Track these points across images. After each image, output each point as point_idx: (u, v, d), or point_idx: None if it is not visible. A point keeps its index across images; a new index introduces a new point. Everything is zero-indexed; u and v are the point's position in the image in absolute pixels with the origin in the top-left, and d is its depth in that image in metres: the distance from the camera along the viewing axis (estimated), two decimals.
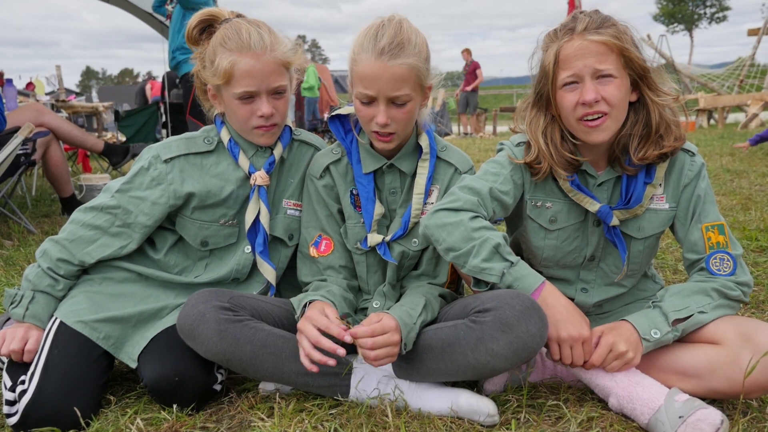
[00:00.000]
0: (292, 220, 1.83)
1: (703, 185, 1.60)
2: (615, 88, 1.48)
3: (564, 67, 1.50)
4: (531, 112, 1.63)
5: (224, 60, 1.62)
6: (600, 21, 1.50)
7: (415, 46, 1.56)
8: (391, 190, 1.75)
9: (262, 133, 1.71)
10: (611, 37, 1.47)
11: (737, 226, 3.33)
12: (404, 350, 1.47)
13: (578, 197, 1.61)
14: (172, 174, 1.70)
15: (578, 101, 1.50)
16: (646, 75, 1.52)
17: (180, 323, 1.51)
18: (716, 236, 1.56)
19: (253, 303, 1.61)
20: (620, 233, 1.62)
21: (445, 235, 1.52)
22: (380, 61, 1.53)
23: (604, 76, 1.48)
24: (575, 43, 1.48)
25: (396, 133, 1.62)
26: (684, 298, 1.49)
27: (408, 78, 1.55)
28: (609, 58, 1.48)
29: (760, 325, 1.42)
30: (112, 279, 1.71)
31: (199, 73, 1.73)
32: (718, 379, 1.40)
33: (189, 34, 1.73)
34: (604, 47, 1.47)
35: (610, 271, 1.69)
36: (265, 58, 1.63)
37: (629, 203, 1.58)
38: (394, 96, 1.56)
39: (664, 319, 1.46)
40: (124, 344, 1.62)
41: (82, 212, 1.70)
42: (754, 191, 4.48)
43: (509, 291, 1.45)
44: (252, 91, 1.64)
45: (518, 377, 1.61)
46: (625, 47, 1.48)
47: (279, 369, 1.52)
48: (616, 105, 1.50)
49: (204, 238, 1.76)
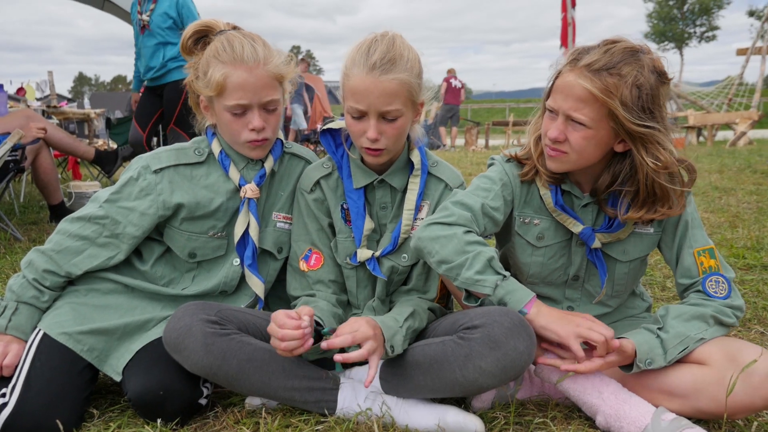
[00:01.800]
0: (281, 233, 1.82)
1: (689, 210, 1.60)
2: (581, 138, 1.45)
3: (552, 94, 1.51)
4: (534, 117, 1.66)
5: (217, 72, 1.62)
6: (605, 63, 1.39)
7: (407, 62, 1.56)
8: (382, 205, 1.75)
9: (253, 147, 1.70)
10: (600, 90, 1.38)
11: (725, 243, 3.35)
12: (391, 353, 1.46)
13: (561, 217, 1.62)
14: (162, 185, 1.69)
15: (546, 132, 1.52)
16: (638, 137, 1.43)
17: (166, 336, 1.50)
18: (708, 260, 1.56)
19: (240, 316, 1.60)
20: (602, 256, 1.63)
21: (438, 247, 1.51)
22: (371, 76, 1.53)
23: (575, 122, 1.45)
24: (568, 77, 1.44)
25: (386, 149, 1.62)
26: (684, 322, 1.48)
27: (399, 93, 1.55)
28: (589, 107, 1.41)
29: (745, 346, 1.42)
30: (98, 290, 1.70)
31: (191, 84, 1.73)
32: (703, 399, 1.40)
33: (184, 43, 1.72)
34: (589, 95, 1.40)
35: (595, 292, 1.69)
36: (258, 72, 1.63)
37: (612, 227, 1.59)
38: (384, 111, 1.56)
39: (663, 353, 1.45)
40: (108, 357, 1.60)
41: (69, 222, 1.69)
42: (742, 209, 4.52)
43: (498, 308, 1.45)
44: (244, 104, 1.64)
45: (506, 394, 1.60)
46: (613, 106, 1.38)
47: (265, 383, 1.51)
48: (579, 152, 1.48)
49: (192, 249, 1.75)
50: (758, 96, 13.77)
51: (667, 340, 1.46)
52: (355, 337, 1.41)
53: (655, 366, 1.44)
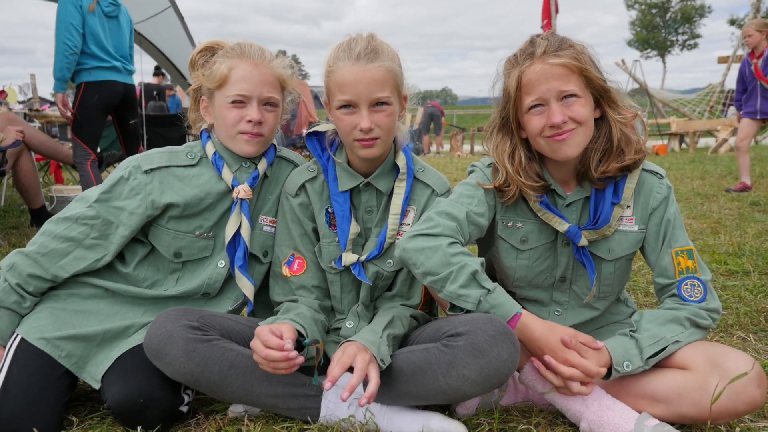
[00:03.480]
0: (267, 236, 1.81)
1: (672, 210, 1.62)
2: (580, 107, 1.52)
3: (528, 91, 1.53)
4: (497, 136, 1.66)
5: (223, 65, 1.69)
6: (558, 43, 1.53)
7: (388, 53, 1.60)
8: (367, 209, 1.74)
9: (247, 140, 1.70)
10: (571, 59, 1.50)
11: (707, 249, 3.39)
12: (383, 365, 1.45)
13: (547, 217, 1.62)
14: (152, 185, 1.68)
15: (546, 124, 1.52)
16: (606, 93, 1.56)
17: (147, 343, 1.47)
18: (685, 261, 1.58)
19: (222, 322, 1.58)
20: (589, 254, 1.63)
21: (423, 259, 1.50)
22: (358, 66, 1.55)
23: (568, 96, 1.51)
24: (536, 68, 1.51)
25: (380, 138, 1.61)
26: (659, 326, 1.50)
27: (387, 80, 1.58)
28: (571, 79, 1.51)
29: (727, 351, 1.43)
30: (78, 295, 1.67)
31: (194, 91, 1.79)
32: (686, 404, 1.41)
33: (193, 59, 1.79)
34: (565, 69, 1.50)
35: (582, 294, 1.70)
36: (262, 68, 1.70)
37: (597, 223, 1.60)
38: (376, 98, 1.57)
39: (638, 352, 1.46)
40: (87, 363, 1.57)
41: (54, 223, 1.65)
42: (724, 215, 4.57)
43: (482, 315, 1.44)
44: (245, 95, 1.67)
45: (490, 401, 1.60)
46: (584, 67, 1.51)
47: (248, 390, 1.49)
48: (584, 122, 1.53)
49: (178, 249, 1.73)
50: None
51: (642, 339, 1.47)
52: (343, 361, 1.40)
53: (633, 367, 1.44)
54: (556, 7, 9.26)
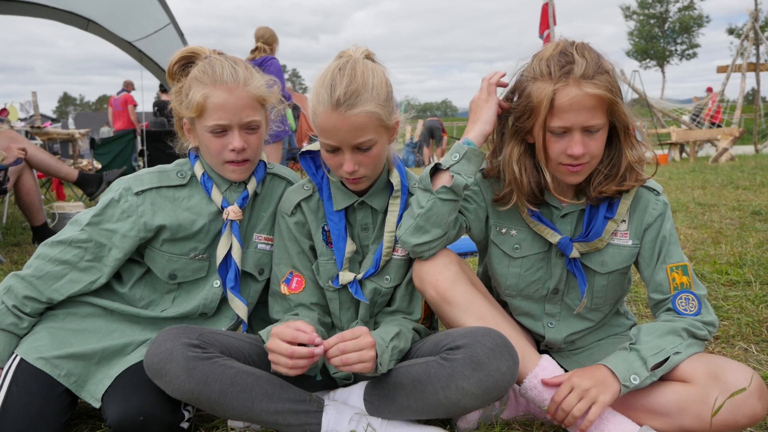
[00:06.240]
0: (262, 254, 1.81)
1: (668, 226, 1.62)
2: (599, 142, 1.52)
3: (557, 114, 1.48)
4: (509, 143, 1.62)
5: (197, 93, 1.64)
6: (595, 66, 1.47)
7: (372, 90, 1.54)
8: (363, 227, 1.75)
9: (233, 169, 1.70)
10: (606, 91, 1.46)
11: (708, 259, 3.38)
12: (379, 370, 1.45)
13: (539, 228, 1.63)
14: (143, 207, 1.68)
15: (565, 151, 1.51)
16: (626, 130, 1.54)
17: (147, 361, 1.47)
18: (680, 277, 1.58)
19: (222, 339, 1.58)
20: (581, 266, 1.64)
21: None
22: (337, 113, 1.52)
23: (591, 131, 1.50)
24: (571, 92, 1.46)
25: (365, 176, 1.63)
26: (657, 338, 1.50)
27: (368, 125, 1.54)
28: (599, 111, 1.48)
29: (728, 364, 1.43)
30: (76, 314, 1.67)
31: (175, 108, 1.74)
32: (687, 417, 1.40)
33: (170, 69, 1.74)
34: (598, 101, 1.46)
35: (574, 305, 1.70)
36: (237, 93, 1.65)
37: (588, 236, 1.60)
38: (357, 143, 1.56)
39: (642, 363, 1.45)
40: (86, 382, 1.57)
41: (49, 246, 1.67)
42: (725, 225, 4.56)
43: (481, 328, 1.45)
44: (224, 124, 1.65)
45: (491, 414, 1.60)
46: (615, 100, 1.48)
47: (249, 407, 1.49)
48: (597, 156, 1.54)
49: (173, 271, 1.73)
50: (739, 112, 14.00)
51: (643, 350, 1.47)
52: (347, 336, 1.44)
53: (641, 380, 1.44)
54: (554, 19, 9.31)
